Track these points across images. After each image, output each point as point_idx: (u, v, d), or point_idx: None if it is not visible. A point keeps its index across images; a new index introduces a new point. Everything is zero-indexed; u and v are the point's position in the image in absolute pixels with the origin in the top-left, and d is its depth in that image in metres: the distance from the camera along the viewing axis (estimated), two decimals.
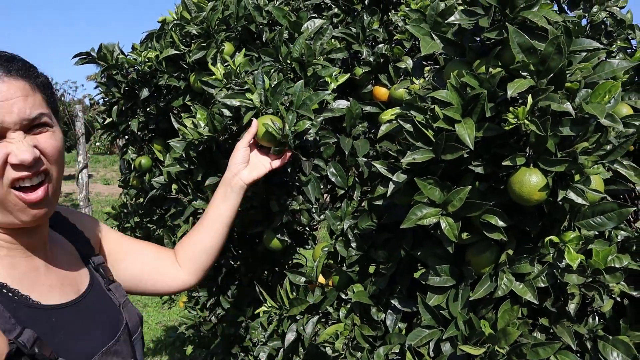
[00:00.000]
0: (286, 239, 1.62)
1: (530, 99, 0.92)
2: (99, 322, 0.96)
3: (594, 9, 1.43)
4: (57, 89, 16.72)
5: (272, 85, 1.39)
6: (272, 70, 1.53)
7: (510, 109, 0.94)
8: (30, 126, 0.85)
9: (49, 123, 0.88)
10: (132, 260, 1.21)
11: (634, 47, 1.62)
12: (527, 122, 0.92)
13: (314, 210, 1.61)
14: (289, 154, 1.38)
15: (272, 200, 1.62)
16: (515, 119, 0.93)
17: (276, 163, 1.36)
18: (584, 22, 1.62)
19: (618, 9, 1.48)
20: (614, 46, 1.62)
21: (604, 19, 1.54)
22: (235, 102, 1.39)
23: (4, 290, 0.83)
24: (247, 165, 1.33)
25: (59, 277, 0.95)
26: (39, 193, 0.85)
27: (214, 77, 1.46)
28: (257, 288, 1.56)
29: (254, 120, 1.35)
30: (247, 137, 1.34)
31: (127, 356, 0.97)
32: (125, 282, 1.19)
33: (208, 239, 1.28)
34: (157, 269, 1.24)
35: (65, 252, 1.01)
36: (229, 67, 1.45)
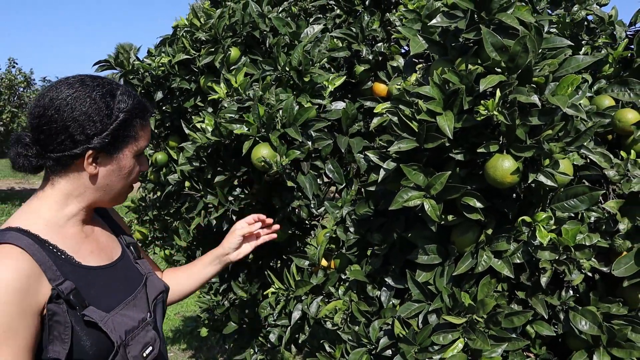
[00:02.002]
0: (288, 229, 1.76)
1: (498, 93, 1.03)
2: (124, 284, 1.19)
3: (575, 8, 1.53)
4: None
5: (266, 112, 1.54)
6: (272, 79, 1.67)
7: (482, 101, 1.05)
8: None
9: None
10: None
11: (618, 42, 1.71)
12: (496, 113, 1.03)
13: (312, 205, 1.74)
14: (276, 227, 1.52)
15: (275, 197, 1.76)
16: (486, 111, 1.04)
17: (264, 238, 1.52)
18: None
19: (598, 7, 1.57)
20: (599, 41, 1.71)
21: (588, 16, 1.64)
22: (236, 129, 1.54)
23: (54, 250, 1.07)
24: (237, 248, 1.49)
25: (97, 246, 1.19)
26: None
27: (217, 96, 1.63)
28: (265, 272, 1.69)
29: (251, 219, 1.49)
30: (244, 230, 1.48)
31: (144, 309, 1.19)
32: None
33: (185, 286, 1.49)
34: None
35: (103, 227, 1.27)
36: (232, 86, 1.62)
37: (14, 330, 0.96)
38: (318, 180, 1.66)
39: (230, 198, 1.74)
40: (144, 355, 1.12)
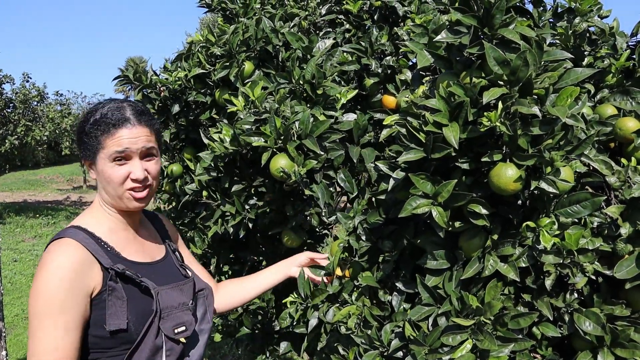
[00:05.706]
0: (302, 237, 1.82)
1: (500, 105, 1.09)
2: (166, 277, 1.40)
3: (576, 20, 1.58)
4: (88, 102, 17.46)
5: (282, 124, 1.61)
6: (286, 92, 1.74)
7: (485, 113, 1.11)
8: (145, 154, 1.36)
9: (155, 154, 1.39)
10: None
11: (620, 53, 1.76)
12: (499, 124, 1.09)
13: (323, 214, 1.80)
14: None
15: (288, 205, 1.82)
16: (489, 122, 1.09)
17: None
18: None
19: (599, 19, 1.63)
20: (602, 51, 1.76)
21: (589, 28, 1.69)
22: (254, 142, 1.62)
23: (105, 245, 1.31)
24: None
25: (142, 246, 1.42)
26: (143, 193, 1.36)
27: (235, 108, 1.70)
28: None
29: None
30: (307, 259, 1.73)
31: (188, 297, 1.39)
32: None
33: (250, 291, 1.71)
34: None
35: (150, 233, 1.50)
36: (249, 99, 1.70)
37: (64, 307, 1.17)
38: (330, 189, 1.72)
39: (247, 207, 1.80)
40: (175, 332, 1.30)
